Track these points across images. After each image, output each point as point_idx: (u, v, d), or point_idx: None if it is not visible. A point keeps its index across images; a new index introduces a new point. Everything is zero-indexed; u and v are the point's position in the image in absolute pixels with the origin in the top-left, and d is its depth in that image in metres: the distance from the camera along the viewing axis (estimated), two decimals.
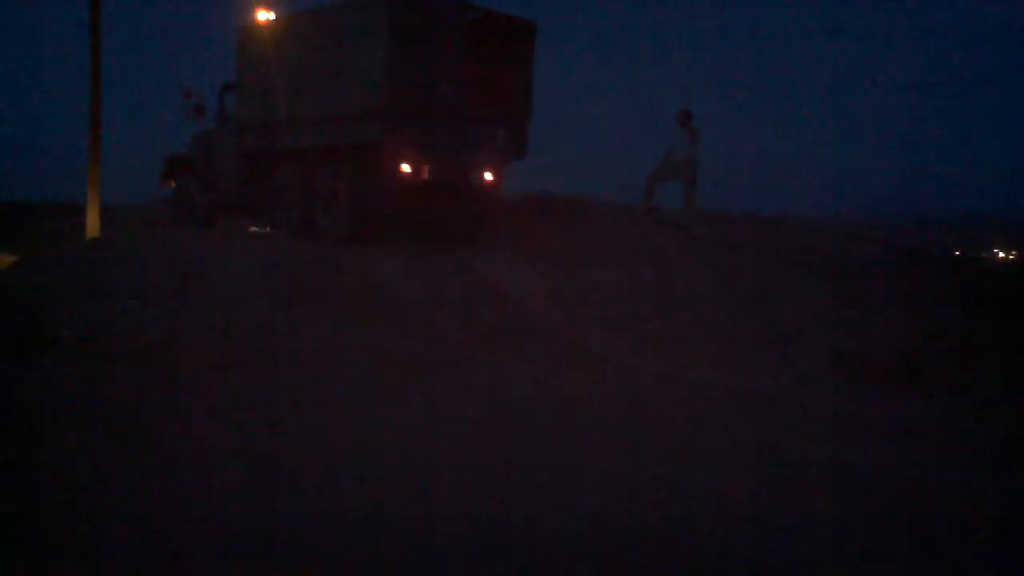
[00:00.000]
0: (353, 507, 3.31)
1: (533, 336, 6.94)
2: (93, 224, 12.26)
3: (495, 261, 10.50)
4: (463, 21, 12.40)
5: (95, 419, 4.33)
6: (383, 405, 4.80)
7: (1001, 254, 27.80)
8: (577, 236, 11.73)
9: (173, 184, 16.27)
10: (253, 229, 15.36)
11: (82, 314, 6.75)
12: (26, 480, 3.47)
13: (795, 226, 13.25)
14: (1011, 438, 4.86)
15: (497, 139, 13.05)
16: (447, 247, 11.99)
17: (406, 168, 12.28)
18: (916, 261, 12.36)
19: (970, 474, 4.05)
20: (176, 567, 2.88)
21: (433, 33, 12.05)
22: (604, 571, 2.83)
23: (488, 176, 13.21)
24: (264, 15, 13.73)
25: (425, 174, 12.44)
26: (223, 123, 15.02)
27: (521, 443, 4.09)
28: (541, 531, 3.12)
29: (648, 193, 13.45)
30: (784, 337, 7.21)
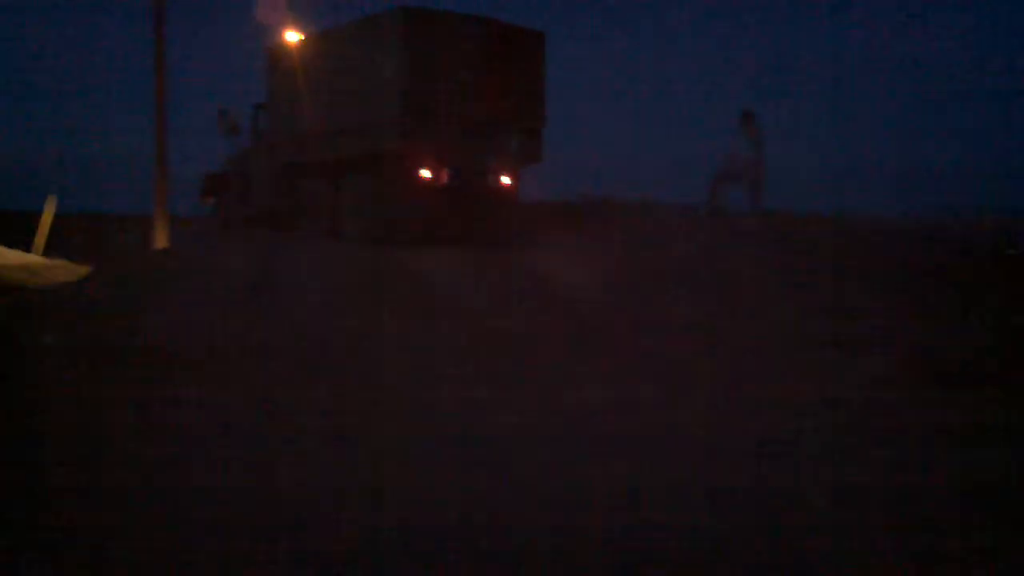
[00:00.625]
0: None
1: (598, 343, 6.59)
2: (161, 235, 12.51)
3: (555, 262, 10.07)
4: (475, 34, 12.81)
5: (173, 431, 4.33)
6: (465, 413, 4.67)
7: None
8: (638, 240, 11.35)
9: (211, 201, 16.92)
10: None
11: (154, 323, 6.85)
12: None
13: (861, 226, 12.83)
14: None
15: (512, 144, 13.31)
16: (505, 251, 11.97)
17: (425, 174, 12.66)
18: (995, 260, 11.65)
19: None
20: None
21: (447, 46, 12.48)
22: None
23: (505, 179, 13.49)
24: (291, 36, 14.36)
25: (444, 179, 12.79)
26: (256, 140, 15.64)
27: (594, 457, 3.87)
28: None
29: (712, 195, 13.32)
30: (855, 340, 6.76)
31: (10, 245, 9.32)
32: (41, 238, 9.65)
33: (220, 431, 4.21)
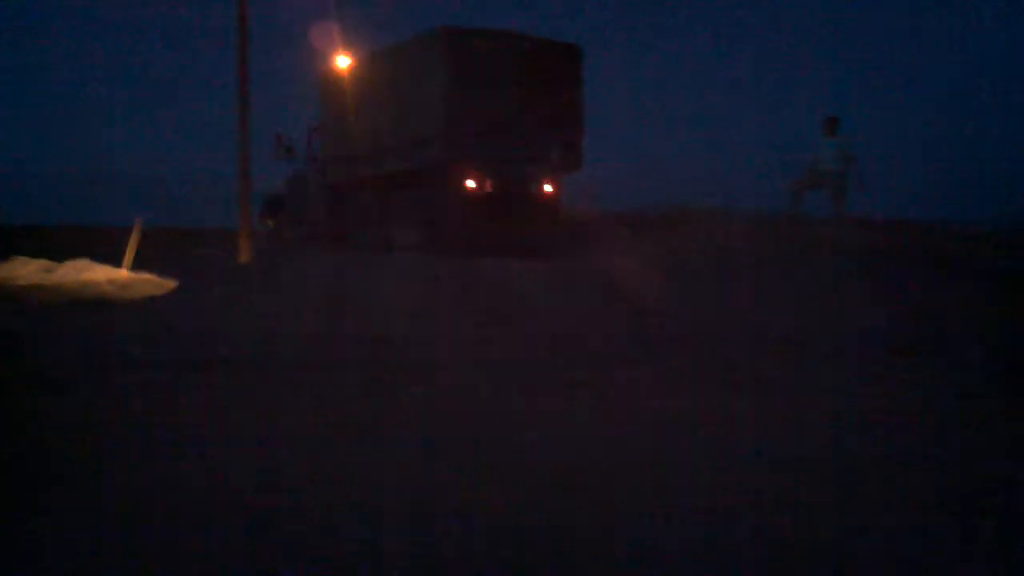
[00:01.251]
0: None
1: (677, 350, 6.46)
2: (244, 250, 12.96)
3: (629, 271, 9.64)
4: (514, 50, 13.17)
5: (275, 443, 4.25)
6: (547, 420, 4.59)
7: None
8: (712, 247, 10.79)
9: (271, 222, 17.55)
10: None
11: (242, 335, 6.87)
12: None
13: (947, 233, 11.94)
14: None
15: (552, 154, 13.61)
16: (571, 256, 11.75)
17: (471, 184, 13.02)
18: None
19: None
20: None
21: (488, 62, 12.86)
22: None
23: (547, 187, 13.78)
24: (341, 60, 14.94)
25: (488, 188, 13.12)
26: (311, 162, 16.23)
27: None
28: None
29: (794, 201, 12.51)
30: (943, 350, 6.52)
31: (98, 259, 9.61)
32: (130, 253, 10.02)
33: (307, 441, 4.17)
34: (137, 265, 9.81)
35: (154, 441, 4.15)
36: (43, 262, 9.55)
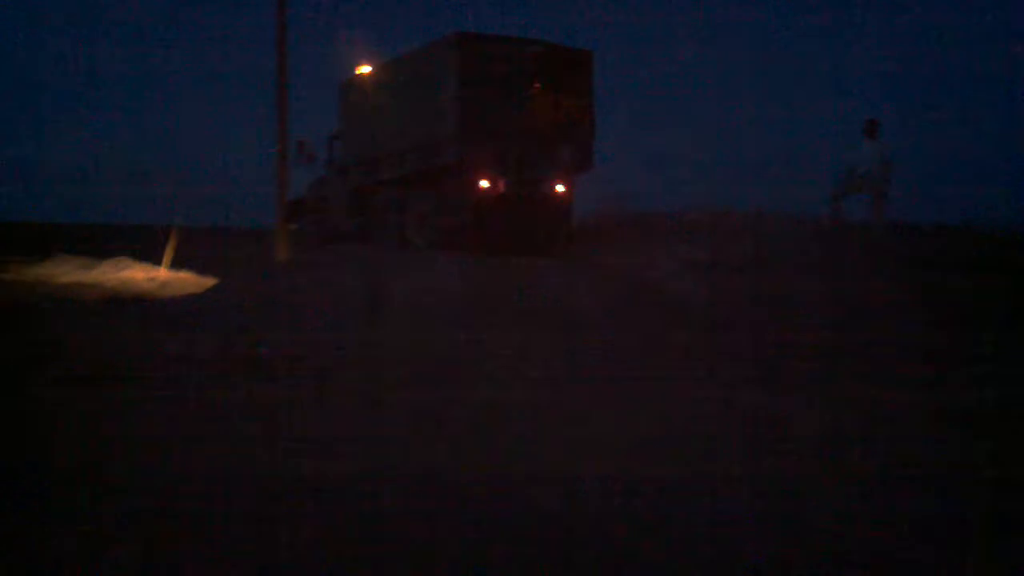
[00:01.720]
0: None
1: (725, 356, 6.34)
2: (281, 248, 13.17)
3: (675, 273, 9.48)
4: (526, 54, 13.43)
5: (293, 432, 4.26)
6: (584, 425, 4.52)
7: None
8: (753, 251, 10.59)
9: (294, 226, 17.81)
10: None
11: (279, 333, 6.79)
12: None
13: (991, 238, 11.51)
14: None
15: (564, 155, 13.85)
16: (617, 259, 11.58)
17: (484, 184, 13.28)
18: None
19: None
20: None
21: (499, 66, 13.13)
22: None
23: (559, 188, 14.02)
24: (361, 69, 15.27)
25: (501, 188, 13.38)
26: (331, 167, 16.55)
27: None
28: None
29: (834, 205, 12.23)
30: (987, 357, 6.33)
31: (138, 258, 9.78)
32: (169, 251, 10.18)
33: (345, 435, 4.22)
34: (175, 263, 9.92)
35: (180, 438, 4.16)
36: (83, 259, 9.80)
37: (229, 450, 4.06)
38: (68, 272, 9.73)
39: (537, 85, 13.79)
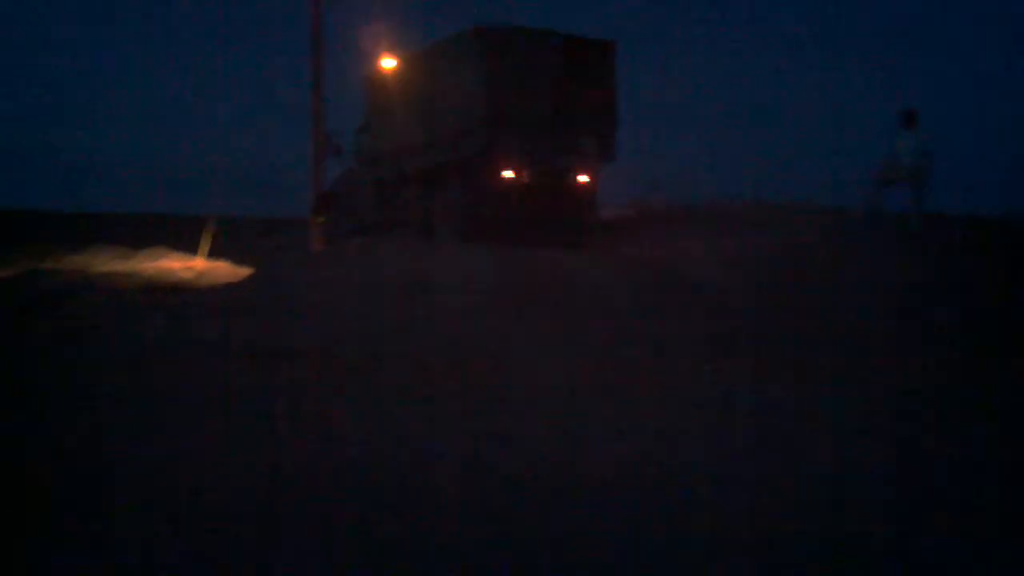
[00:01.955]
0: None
1: (750, 347, 6.20)
2: (317, 238, 13.24)
3: (706, 267, 9.26)
4: (549, 46, 13.41)
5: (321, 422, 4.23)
6: (619, 419, 4.43)
7: None
8: (791, 240, 10.31)
9: (321, 219, 17.90)
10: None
11: (312, 323, 6.79)
12: None
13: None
14: None
15: (587, 145, 13.82)
16: (649, 251, 11.38)
17: (508, 173, 13.30)
18: None
19: None
20: None
21: (523, 58, 13.14)
22: None
23: (583, 178, 14.00)
24: (386, 62, 15.31)
25: (525, 177, 13.38)
26: (358, 159, 16.63)
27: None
28: None
29: (872, 197, 11.95)
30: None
31: (175, 247, 9.88)
32: (206, 242, 10.27)
33: (365, 424, 4.17)
34: (212, 253, 9.99)
35: (213, 431, 4.13)
36: (121, 249, 9.95)
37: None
38: (106, 261, 9.89)
39: (560, 76, 13.77)
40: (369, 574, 2.62)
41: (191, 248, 10.25)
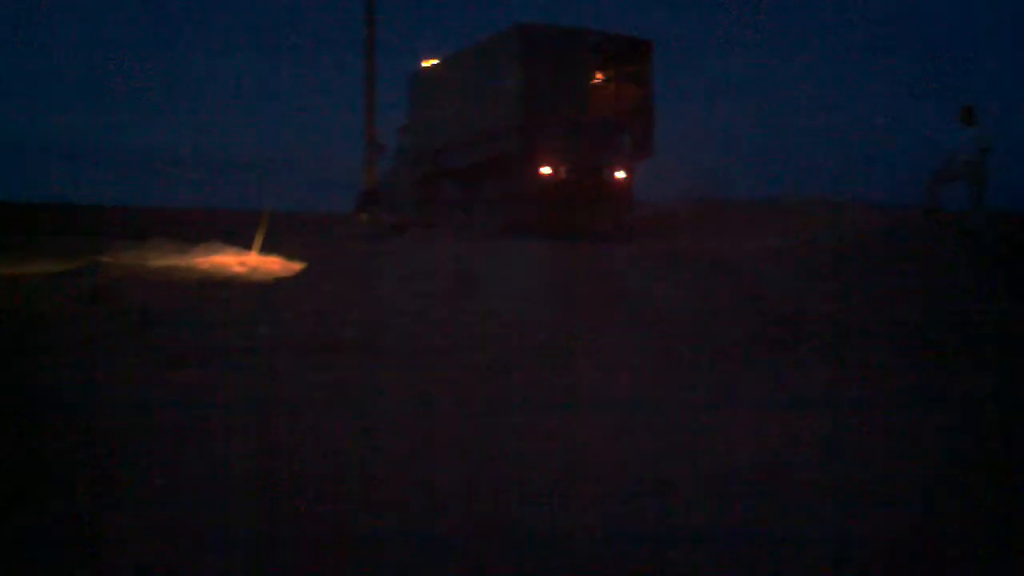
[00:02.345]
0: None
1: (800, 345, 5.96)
2: (362, 234, 13.11)
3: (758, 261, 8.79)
4: (586, 44, 13.28)
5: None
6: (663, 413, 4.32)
7: None
8: (846, 236, 9.95)
9: (365, 217, 17.97)
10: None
11: (364, 317, 6.68)
12: None
13: None
14: None
15: (624, 142, 13.67)
16: (700, 245, 10.96)
17: (546, 171, 13.22)
18: None
19: None
20: None
21: (560, 56, 13.05)
22: None
23: (619, 174, 13.85)
24: (428, 62, 15.32)
25: (563, 174, 13.31)
26: (400, 157, 16.66)
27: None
28: None
29: (931, 194, 11.34)
30: None
31: (230, 242, 9.89)
32: (259, 236, 10.29)
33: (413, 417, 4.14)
34: (265, 248, 10.00)
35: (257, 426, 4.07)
36: (177, 243, 10.05)
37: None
38: (163, 255, 10.00)
39: (598, 74, 13.66)
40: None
41: (245, 243, 10.30)
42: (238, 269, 9.09)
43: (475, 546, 2.77)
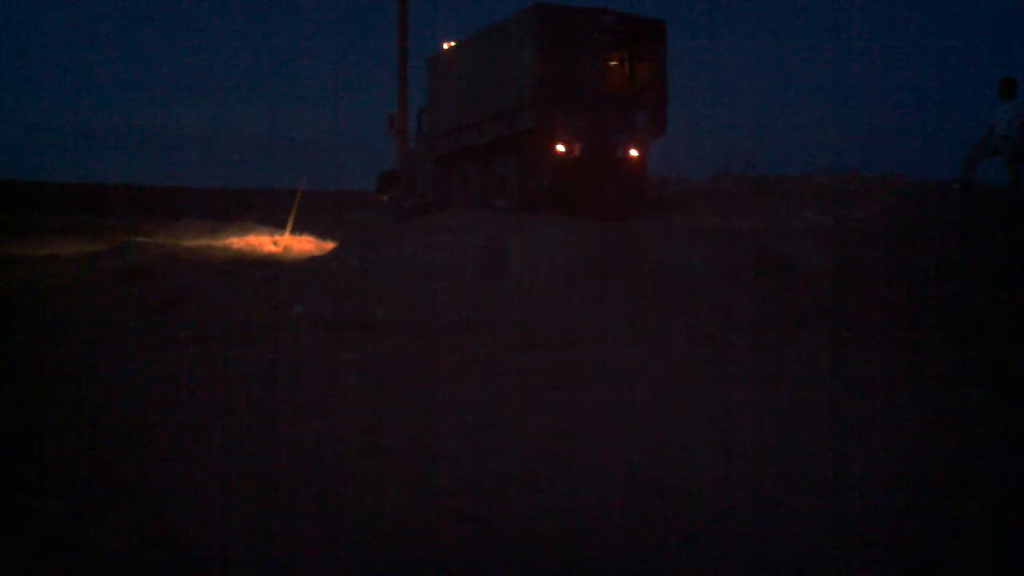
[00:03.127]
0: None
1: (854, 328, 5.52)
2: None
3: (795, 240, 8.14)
4: (600, 24, 12.82)
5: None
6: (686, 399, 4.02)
7: None
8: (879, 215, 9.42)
9: (385, 198, 17.57)
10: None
11: (395, 296, 6.44)
12: None
13: None
14: None
15: (637, 120, 13.23)
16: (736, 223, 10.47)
17: (560, 148, 12.90)
18: None
19: None
20: None
21: (575, 36, 12.61)
22: None
23: (633, 152, 13.46)
24: (447, 44, 14.84)
25: (577, 152, 12.98)
26: (420, 138, 16.21)
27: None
28: None
29: (967, 169, 10.66)
30: None
31: (263, 221, 9.64)
32: (291, 216, 10.04)
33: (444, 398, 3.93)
34: (297, 227, 9.73)
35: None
36: (211, 222, 9.77)
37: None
38: (196, 235, 9.73)
39: (613, 53, 13.15)
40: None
41: (278, 223, 10.00)
42: (272, 248, 8.81)
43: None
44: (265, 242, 9.11)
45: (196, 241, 9.56)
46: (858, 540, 2.47)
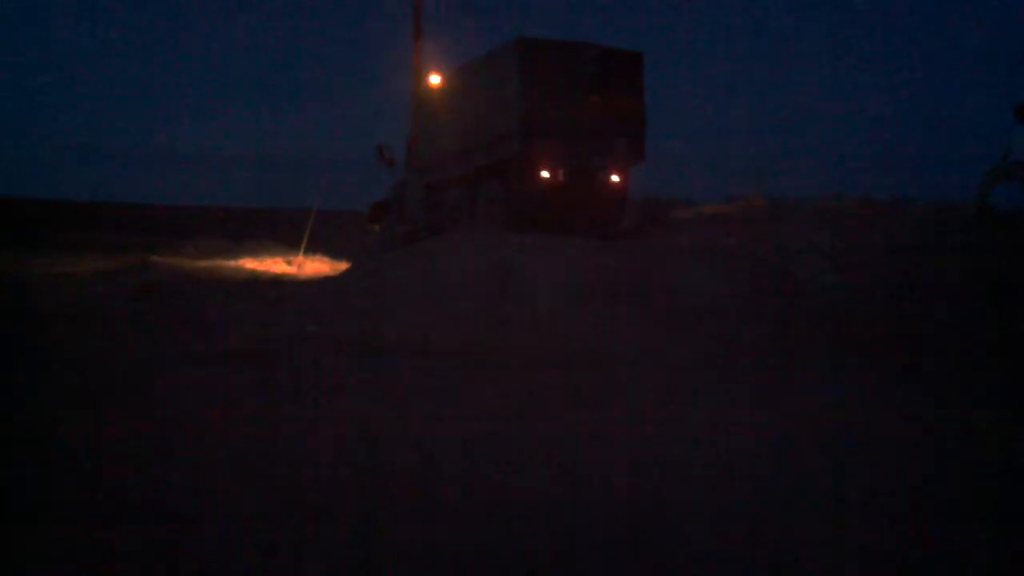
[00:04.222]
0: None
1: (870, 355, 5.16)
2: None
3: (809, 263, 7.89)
4: (581, 57, 12.82)
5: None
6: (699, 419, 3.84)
7: None
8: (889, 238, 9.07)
9: (377, 228, 17.18)
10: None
11: (405, 316, 6.25)
12: None
13: None
14: None
15: (618, 148, 13.19)
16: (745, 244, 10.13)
17: (545, 174, 12.80)
18: None
19: None
20: None
21: (559, 68, 12.60)
22: None
23: (615, 178, 13.44)
24: (433, 77, 14.67)
25: (561, 177, 12.87)
26: (409, 169, 15.97)
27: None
28: None
29: (982, 194, 10.03)
30: None
31: (277, 240, 9.21)
32: (306, 236, 9.71)
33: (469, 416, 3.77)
34: (310, 247, 9.37)
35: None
36: (224, 242, 9.38)
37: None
38: (210, 254, 9.32)
39: (595, 85, 13.05)
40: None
41: (291, 242, 9.63)
42: (285, 268, 8.47)
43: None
44: (279, 261, 8.77)
45: (210, 260, 9.18)
46: (856, 566, 2.37)
